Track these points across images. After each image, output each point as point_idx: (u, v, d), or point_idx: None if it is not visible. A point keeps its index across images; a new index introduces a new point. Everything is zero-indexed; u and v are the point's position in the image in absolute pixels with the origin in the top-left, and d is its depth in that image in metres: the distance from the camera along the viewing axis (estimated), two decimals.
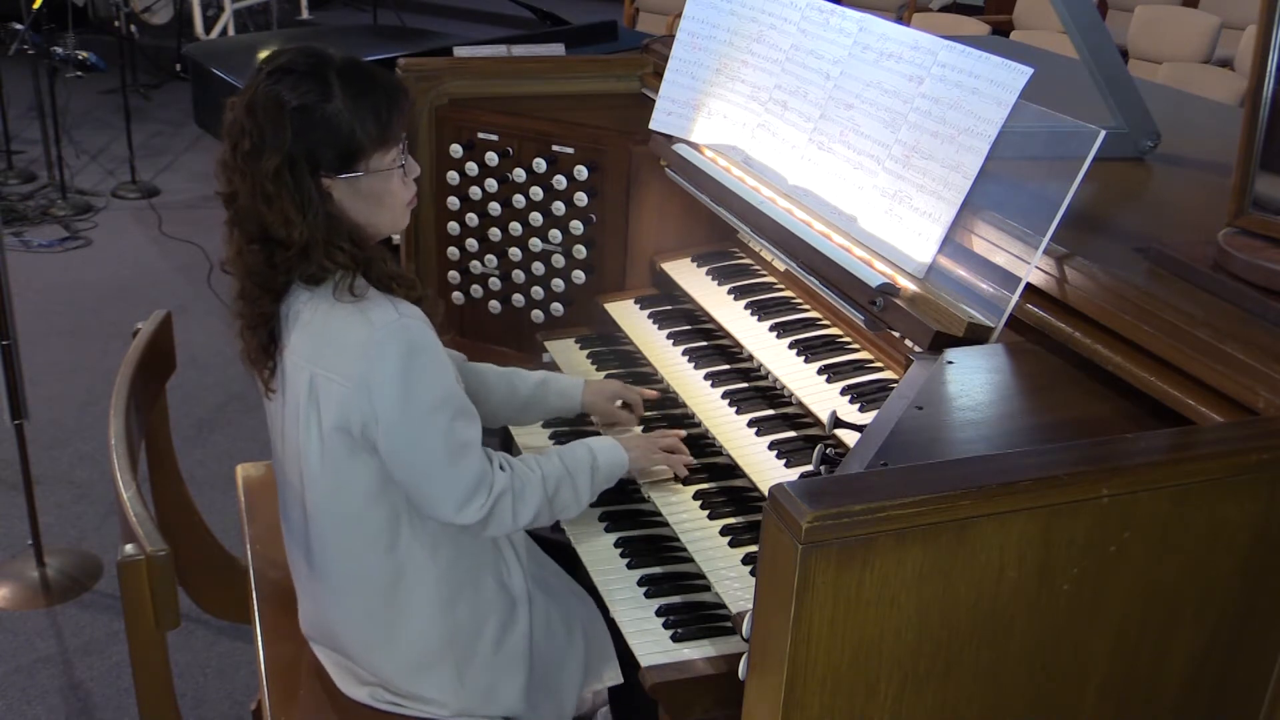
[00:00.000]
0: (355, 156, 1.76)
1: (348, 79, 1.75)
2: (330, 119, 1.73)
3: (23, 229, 5.77)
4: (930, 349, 1.69)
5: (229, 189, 1.79)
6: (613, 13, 7.65)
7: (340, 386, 1.75)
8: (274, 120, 1.72)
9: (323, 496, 1.85)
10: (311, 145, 1.73)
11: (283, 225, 1.73)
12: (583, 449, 2.00)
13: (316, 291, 1.79)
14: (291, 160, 1.72)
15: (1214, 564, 1.34)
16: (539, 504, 1.89)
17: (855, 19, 2.09)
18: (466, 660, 1.91)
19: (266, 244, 1.76)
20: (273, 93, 1.73)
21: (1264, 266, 1.53)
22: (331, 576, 1.91)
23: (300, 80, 1.73)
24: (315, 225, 1.74)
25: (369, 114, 1.75)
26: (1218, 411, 1.40)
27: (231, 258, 1.83)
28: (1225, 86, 6.04)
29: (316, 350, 1.78)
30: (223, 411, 4.23)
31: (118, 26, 6.68)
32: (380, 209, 1.82)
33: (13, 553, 3.39)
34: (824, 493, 1.17)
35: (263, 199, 1.73)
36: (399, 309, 1.76)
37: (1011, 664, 1.29)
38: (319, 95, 1.73)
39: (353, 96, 1.74)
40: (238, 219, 1.79)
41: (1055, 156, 1.69)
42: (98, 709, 2.88)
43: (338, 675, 1.98)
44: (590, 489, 1.98)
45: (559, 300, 2.77)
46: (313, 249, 1.75)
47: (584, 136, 2.65)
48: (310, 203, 1.73)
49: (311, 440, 1.81)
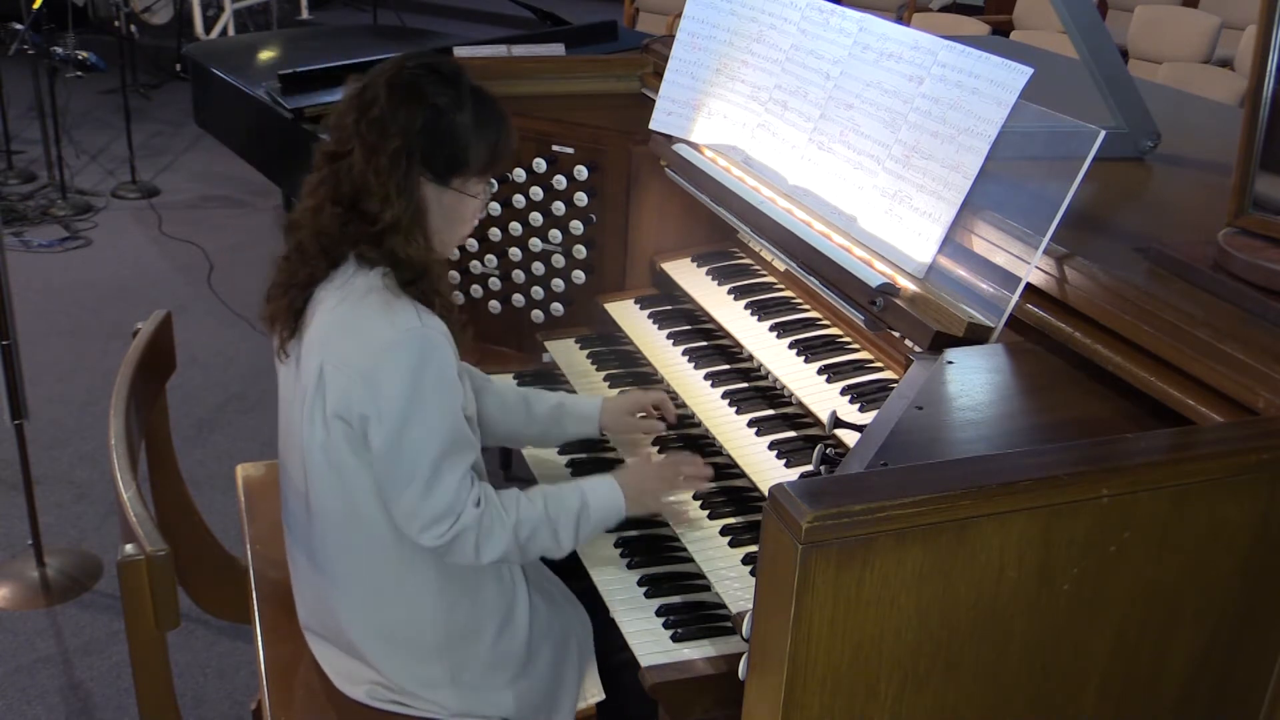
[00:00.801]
0: (456, 171, 1.83)
1: (480, 102, 1.84)
2: (454, 129, 1.80)
3: (23, 229, 5.77)
4: (930, 349, 1.69)
5: (339, 147, 1.81)
6: (613, 13, 7.64)
7: (346, 378, 1.76)
8: (409, 106, 1.78)
9: (325, 490, 1.85)
10: (429, 144, 1.79)
11: (380, 200, 1.78)
12: (574, 494, 1.93)
13: (350, 282, 1.80)
14: (409, 149, 1.78)
15: (1214, 564, 1.34)
16: (506, 547, 1.85)
17: (855, 19, 2.09)
18: (464, 661, 1.91)
19: (351, 210, 1.80)
20: (415, 82, 1.80)
21: (1264, 266, 1.53)
22: (334, 571, 1.91)
23: (443, 83, 1.81)
24: (406, 212, 1.79)
25: (486, 141, 1.83)
26: (1218, 411, 1.41)
27: (303, 212, 1.85)
28: (1225, 86, 6.04)
29: (333, 340, 1.79)
30: (223, 411, 4.23)
31: (118, 26, 6.68)
32: (446, 228, 1.87)
33: (13, 553, 3.39)
34: (824, 493, 1.17)
35: (373, 170, 1.77)
36: (423, 318, 1.77)
37: (1011, 664, 1.29)
38: (454, 103, 1.80)
39: (479, 119, 1.83)
40: (334, 178, 1.81)
41: (1055, 156, 1.69)
42: (98, 709, 2.88)
43: (335, 674, 1.98)
44: (575, 536, 1.92)
45: (559, 300, 2.77)
46: (392, 234, 1.78)
47: (584, 136, 2.65)
48: (411, 192, 1.79)
49: (315, 430, 1.82)
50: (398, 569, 1.87)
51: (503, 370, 2.61)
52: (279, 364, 1.94)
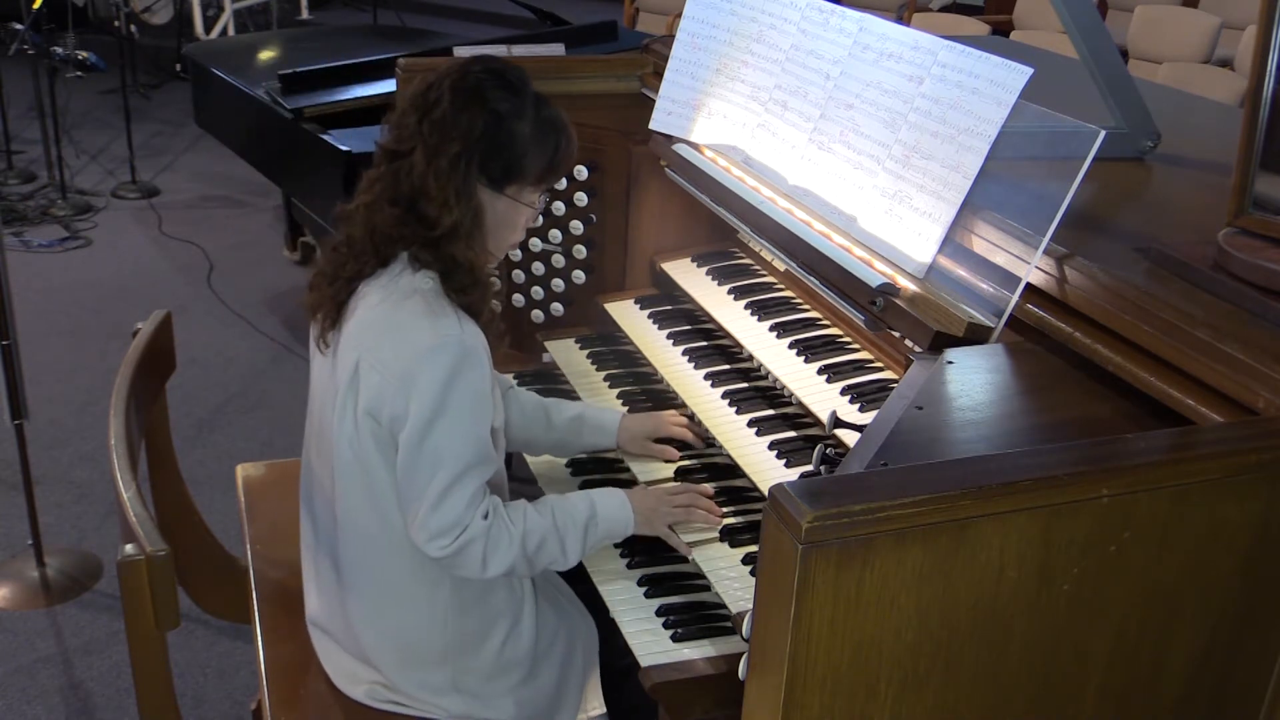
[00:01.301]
0: (512, 179, 1.83)
1: (541, 112, 1.84)
2: (514, 136, 1.81)
3: (23, 229, 5.77)
4: (930, 349, 1.69)
5: (399, 146, 1.81)
6: (613, 13, 7.64)
7: (381, 377, 1.76)
8: (471, 111, 1.78)
9: (350, 487, 1.85)
10: (488, 150, 1.79)
11: (439, 205, 1.77)
12: (584, 504, 1.93)
13: (395, 281, 1.80)
14: (468, 153, 1.78)
15: (1214, 564, 1.34)
16: (514, 559, 1.84)
17: (855, 19, 2.09)
18: (469, 666, 1.91)
19: (409, 211, 1.79)
20: (480, 87, 1.80)
21: (1264, 266, 1.53)
22: (352, 569, 1.91)
23: (508, 89, 1.81)
24: (466, 218, 1.79)
25: (544, 151, 1.84)
26: (1218, 411, 1.40)
27: (361, 207, 1.84)
28: (1225, 86, 6.04)
29: (372, 337, 1.79)
30: (223, 411, 4.23)
31: (118, 26, 6.68)
32: (497, 235, 1.87)
33: (13, 553, 3.39)
34: (824, 493, 1.17)
35: (434, 173, 1.77)
36: (464, 326, 1.77)
37: (1011, 664, 1.29)
38: (515, 110, 1.81)
39: (539, 128, 1.83)
40: (393, 177, 1.81)
41: (1055, 156, 1.69)
42: (98, 709, 2.88)
43: (336, 673, 1.98)
44: (582, 547, 1.91)
45: (559, 300, 2.77)
46: (451, 239, 1.78)
47: (584, 136, 2.62)
48: (469, 195, 1.79)
49: (345, 425, 1.81)
50: (416, 570, 1.87)
51: (503, 370, 2.60)
52: (315, 354, 1.93)
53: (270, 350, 4.63)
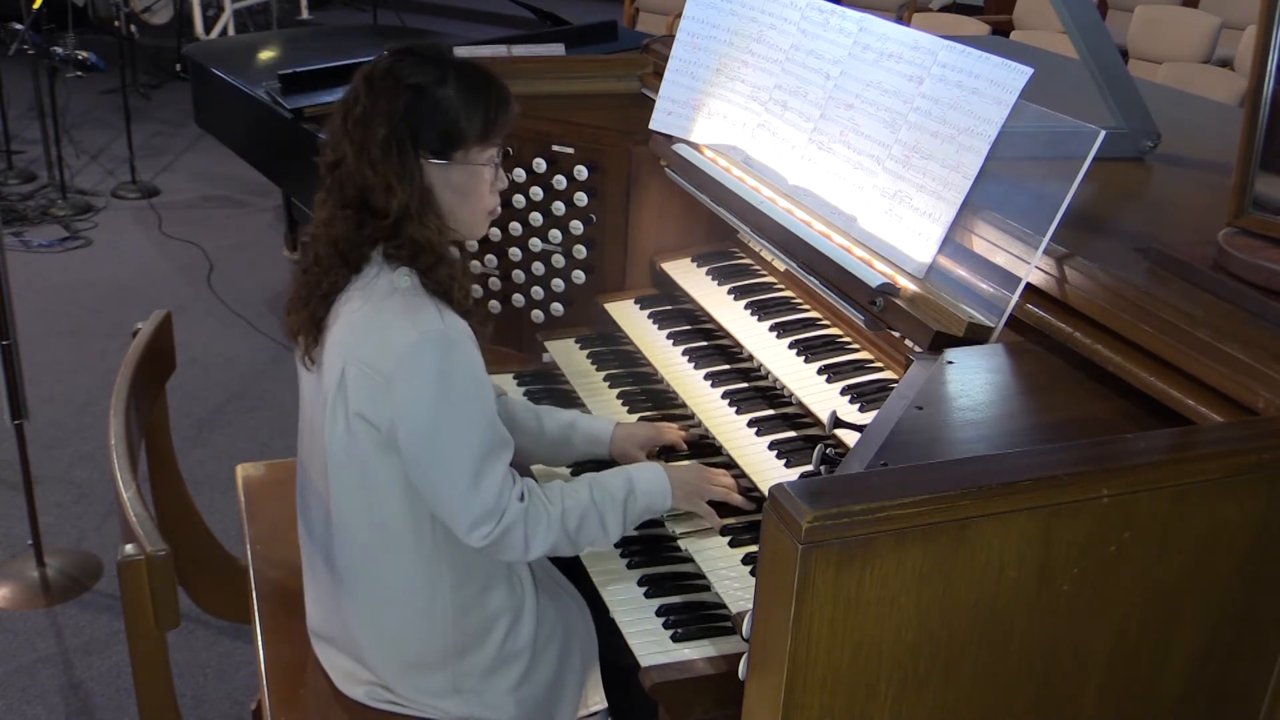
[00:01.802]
0: (455, 144, 1.81)
1: (464, 72, 1.83)
2: (440, 103, 1.79)
3: (23, 229, 5.77)
4: (930, 349, 1.69)
5: (335, 156, 1.82)
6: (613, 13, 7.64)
7: (370, 380, 1.76)
8: (388, 93, 1.78)
9: (346, 491, 1.85)
10: (417, 123, 1.79)
11: (383, 192, 1.78)
12: (620, 479, 1.93)
13: (373, 284, 1.80)
14: (398, 134, 1.78)
15: (1214, 564, 1.34)
16: (555, 538, 1.85)
17: (855, 19, 2.09)
18: (468, 668, 1.91)
19: (361, 211, 1.80)
20: (392, 68, 1.80)
21: (1264, 266, 1.53)
22: (350, 574, 1.90)
23: (421, 62, 1.81)
24: (412, 197, 1.79)
25: (477, 107, 1.82)
26: (1218, 411, 1.41)
27: (319, 225, 1.86)
28: (1225, 86, 6.04)
29: (355, 340, 1.79)
30: (223, 411, 4.23)
31: (118, 26, 6.68)
32: (464, 205, 1.86)
33: (13, 553, 3.39)
34: (824, 493, 1.17)
35: (368, 164, 1.78)
36: (445, 319, 1.77)
37: (1011, 664, 1.29)
38: (434, 79, 1.80)
39: (465, 88, 1.81)
40: (337, 185, 1.82)
41: (1055, 156, 1.69)
42: (98, 709, 2.88)
43: (335, 673, 1.98)
44: (622, 523, 1.91)
45: (559, 300, 2.77)
46: (406, 221, 1.79)
47: (584, 136, 2.65)
48: (411, 175, 1.79)
49: (338, 431, 1.81)
50: (414, 574, 1.86)
51: (502, 370, 2.61)
52: (303, 371, 1.93)
53: (270, 350, 4.63)
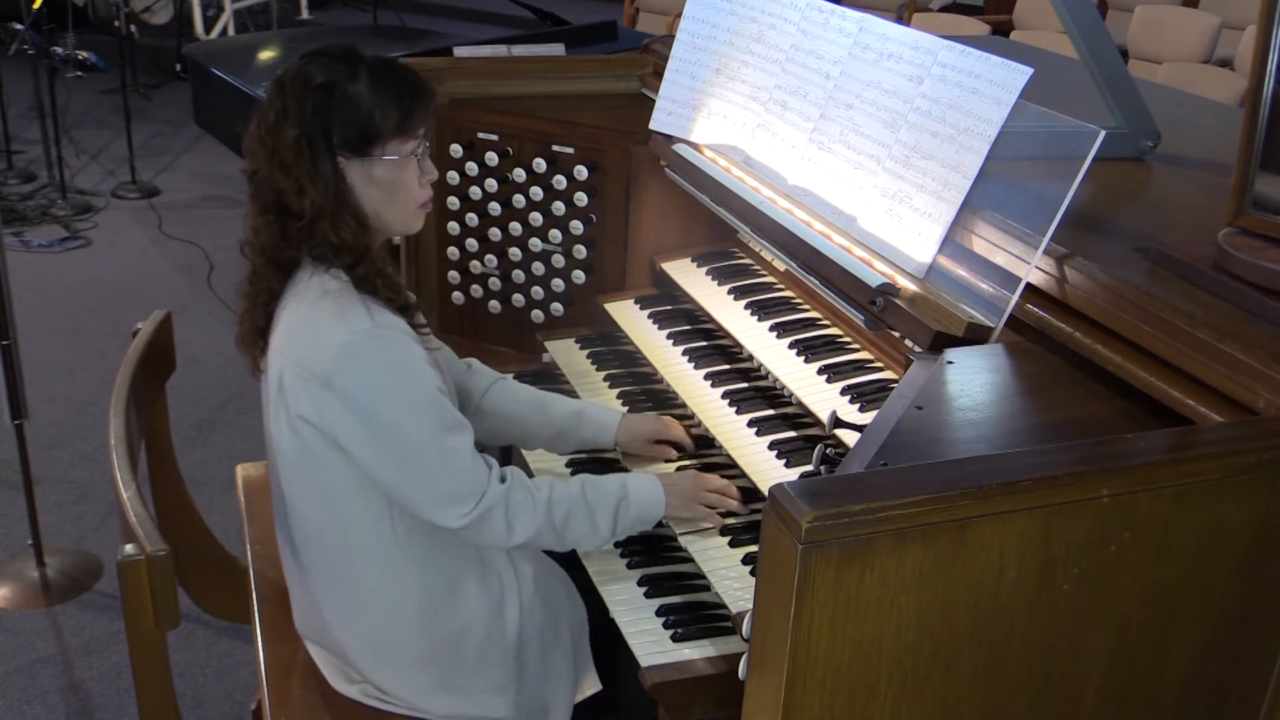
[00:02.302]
0: (372, 140, 1.80)
1: (377, 67, 1.82)
2: (351, 99, 1.78)
3: (23, 229, 5.77)
4: (930, 349, 1.69)
5: (253, 164, 1.82)
6: (613, 13, 7.65)
7: (306, 384, 1.77)
8: (298, 94, 1.77)
9: (300, 493, 1.86)
10: (330, 122, 1.78)
11: (296, 194, 1.77)
12: (615, 484, 1.93)
13: (307, 286, 1.80)
14: (309, 134, 1.77)
15: (1214, 564, 1.34)
16: (538, 526, 1.85)
17: (855, 19, 2.09)
18: (451, 666, 1.91)
19: (280, 215, 1.80)
20: (302, 70, 1.80)
21: (1264, 266, 1.53)
22: (318, 576, 1.92)
23: (330, 61, 1.80)
24: (326, 197, 1.78)
25: (391, 101, 1.80)
26: (1218, 411, 1.40)
27: (248, 234, 1.86)
28: (1225, 86, 6.04)
29: (291, 346, 1.80)
30: (223, 411, 4.23)
31: (118, 26, 6.68)
32: (392, 201, 1.85)
33: (13, 553, 3.39)
34: (824, 493, 1.17)
35: (280, 167, 1.77)
36: (375, 318, 1.76)
37: (1011, 664, 1.29)
38: (345, 76, 1.79)
39: (378, 83, 1.80)
40: (257, 192, 1.82)
41: (1055, 156, 1.69)
42: (98, 709, 2.88)
43: (329, 672, 1.99)
44: (613, 527, 1.91)
45: (559, 300, 2.77)
46: (320, 221, 1.78)
47: (584, 136, 2.65)
48: (323, 176, 1.78)
49: (283, 434, 1.82)
50: (380, 573, 1.87)
51: (502, 370, 2.60)
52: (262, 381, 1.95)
53: None
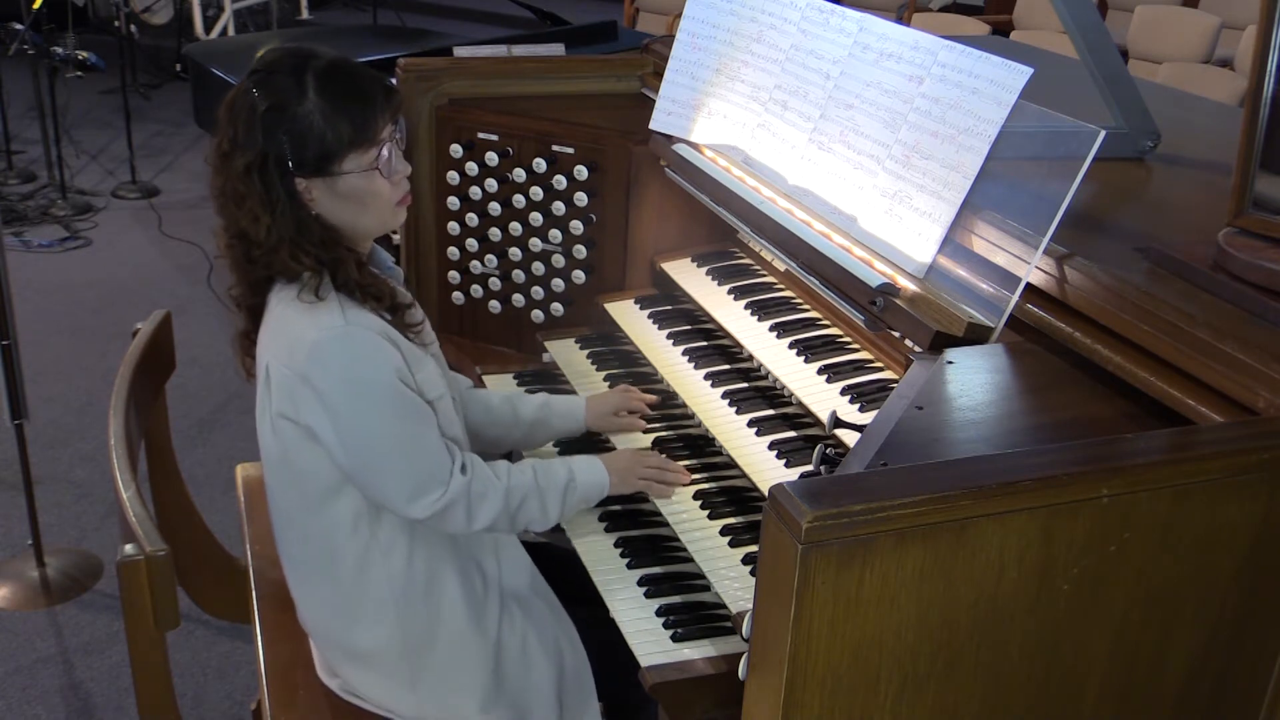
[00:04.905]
0: (330, 158, 1.76)
1: (325, 79, 1.75)
2: (301, 120, 1.73)
3: (23, 229, 5.78)
4: (930, 349, 1.69)
5: (212, 190, 1.82)
6: (613, 13, 7.65)
7: (287, 379, 1.78)
8: (246, 121, 1.74)
9: (280, 489, 1.89)
10: (282, 146, 1.73)
11: (252, 224, 1.76)
12: (562, 468, 1.99)
13: (287, 288, 1.81)
14: (262, 161, 1.73)
15: (1214, 564, 1.34)
16: (497, 512, 1.88)
17: (855, 19, 2.09)
18: (421, 668, 1.91)
19: (242, 240, 1.79)
20: (247, 94, 1.75)
21: (1264, 266, 1.53)
22: (297, 567, 1.95)
23: (276, 80, 1.74)
24: (284, 225, 1.75)
25: (343, 115, 1.75)
26: (1218, 411, 1.40)
27: (222, 249, 1.87)
28: (1225, 86, 6.04)
29: (273, 343, 1.81)
30: (223, 411, 4.23)
31: (118, 26, 6.68)
32: (364, 210, 1.82)
33: (13, 553, 3.39)
34: (824, 493, 1.17)
35: (233, 198, 1.75)
36: (347, 316, 1.76)
37: (1011, 664, 1.29)
38: (292, 96, 1.73)
39: (328, 97, 1.74)
40: (219, 215, 1.82)
41: (1055, 156, 1.69)
42: (98, 709, 2.88)
43: (319, 666, 2.02)
44: (561, 508, 1.97)
45: (559, 300, 2.77)
46: (280, 249, 1.76)
47: (584, 136, 2.65)
48: (278, 203, 1.75)
49: (266, 430, 1.84)
50: (356, 572, 1.87)
51: (502, 370, 2.61)
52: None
53: None
